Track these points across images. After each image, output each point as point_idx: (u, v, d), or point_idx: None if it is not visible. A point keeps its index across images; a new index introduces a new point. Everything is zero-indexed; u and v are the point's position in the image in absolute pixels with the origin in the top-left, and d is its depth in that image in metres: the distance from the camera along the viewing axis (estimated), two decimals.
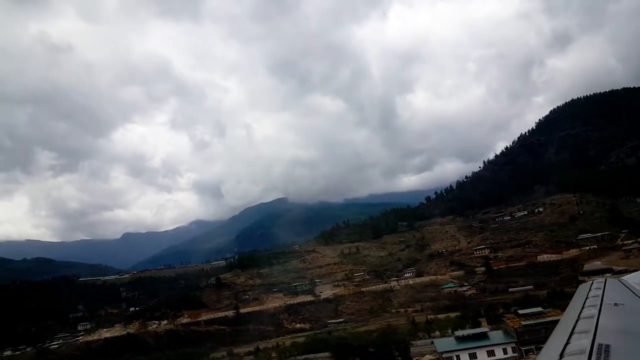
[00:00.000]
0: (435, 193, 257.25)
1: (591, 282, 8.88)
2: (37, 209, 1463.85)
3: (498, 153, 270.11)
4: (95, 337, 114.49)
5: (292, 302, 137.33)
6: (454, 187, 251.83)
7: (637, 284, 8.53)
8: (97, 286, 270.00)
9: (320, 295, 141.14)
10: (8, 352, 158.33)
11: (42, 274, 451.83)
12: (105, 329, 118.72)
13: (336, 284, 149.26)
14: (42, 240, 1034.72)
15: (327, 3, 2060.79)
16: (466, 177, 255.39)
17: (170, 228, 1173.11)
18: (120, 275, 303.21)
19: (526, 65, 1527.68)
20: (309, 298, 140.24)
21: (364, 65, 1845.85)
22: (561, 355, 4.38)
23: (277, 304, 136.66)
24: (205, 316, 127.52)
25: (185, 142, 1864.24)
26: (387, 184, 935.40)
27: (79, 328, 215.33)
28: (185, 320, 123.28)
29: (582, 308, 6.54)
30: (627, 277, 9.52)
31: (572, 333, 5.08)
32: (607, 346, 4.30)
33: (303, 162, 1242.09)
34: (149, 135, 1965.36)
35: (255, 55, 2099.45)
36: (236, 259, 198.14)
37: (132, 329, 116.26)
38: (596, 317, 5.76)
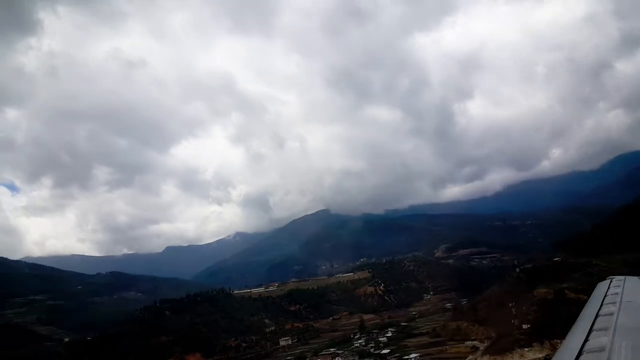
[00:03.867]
0: None
1: (610, 279, 8.73)
2: (85, 224, 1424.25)
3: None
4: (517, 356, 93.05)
5: None
6: None
7: None
8: (253, 299, 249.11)
9: None
10: None
11: (120, 287, 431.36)
12: (526, 349, 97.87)
13: None
14: (87, 254, 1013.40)
15: (401, 12, 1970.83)
16: None
17: (212, 241, 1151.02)
18: (266, 288, 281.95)
19: (590, 70, 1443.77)
20: None
21: (423, 73, 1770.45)
22: (580, 352, 4.40)
23: None
24: None
25: (240, 155, 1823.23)
26: (429, 194, 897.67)
27: (281, 343, 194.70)
28: None
29: (601, 305, 6.40)
30: None
31: (590, 330, 5.04)
32: (627, 344, 4.32)
33: (353, 173, 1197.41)
34: (206, 148, 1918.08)
35: (315, 67, 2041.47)
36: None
37: (547, 349, 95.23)
38: (615, 314, 5.68)
